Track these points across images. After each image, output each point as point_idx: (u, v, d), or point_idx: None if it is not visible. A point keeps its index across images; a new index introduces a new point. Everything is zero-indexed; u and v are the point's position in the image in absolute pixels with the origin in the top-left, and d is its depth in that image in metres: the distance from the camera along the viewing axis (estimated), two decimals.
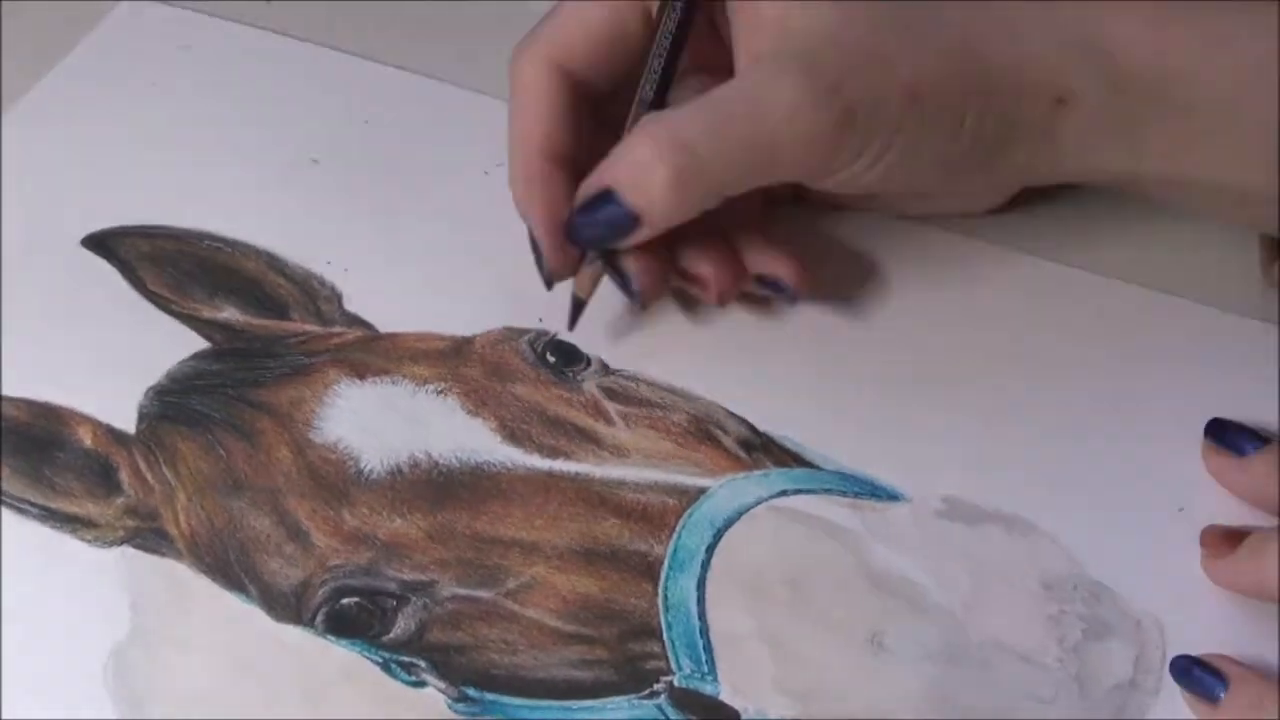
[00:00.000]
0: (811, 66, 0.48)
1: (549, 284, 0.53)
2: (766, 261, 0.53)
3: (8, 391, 0.53)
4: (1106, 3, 0.49)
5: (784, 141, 0.48)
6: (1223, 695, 0.44)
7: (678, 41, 0.51)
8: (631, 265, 0.52)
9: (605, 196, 0.49)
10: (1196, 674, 0.45)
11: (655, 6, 0.51)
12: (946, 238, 0.57)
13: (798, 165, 0.49)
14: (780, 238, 0.53)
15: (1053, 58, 0.49)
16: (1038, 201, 0.56)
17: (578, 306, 0.53)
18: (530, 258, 0.53)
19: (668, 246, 0.52)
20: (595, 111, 0.53)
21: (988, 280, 0.55)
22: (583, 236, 0.51)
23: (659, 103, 0.51)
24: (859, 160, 0.49)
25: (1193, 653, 0.46)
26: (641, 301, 0.53)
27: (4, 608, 0.48)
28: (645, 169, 0.48)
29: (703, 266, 0.52)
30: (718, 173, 0.48)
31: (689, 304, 0.55)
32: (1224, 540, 0.48)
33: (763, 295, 0.54)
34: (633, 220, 0.49)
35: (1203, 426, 0.50)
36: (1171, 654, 0.46)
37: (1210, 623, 0.47)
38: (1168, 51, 0.49)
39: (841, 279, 0.56)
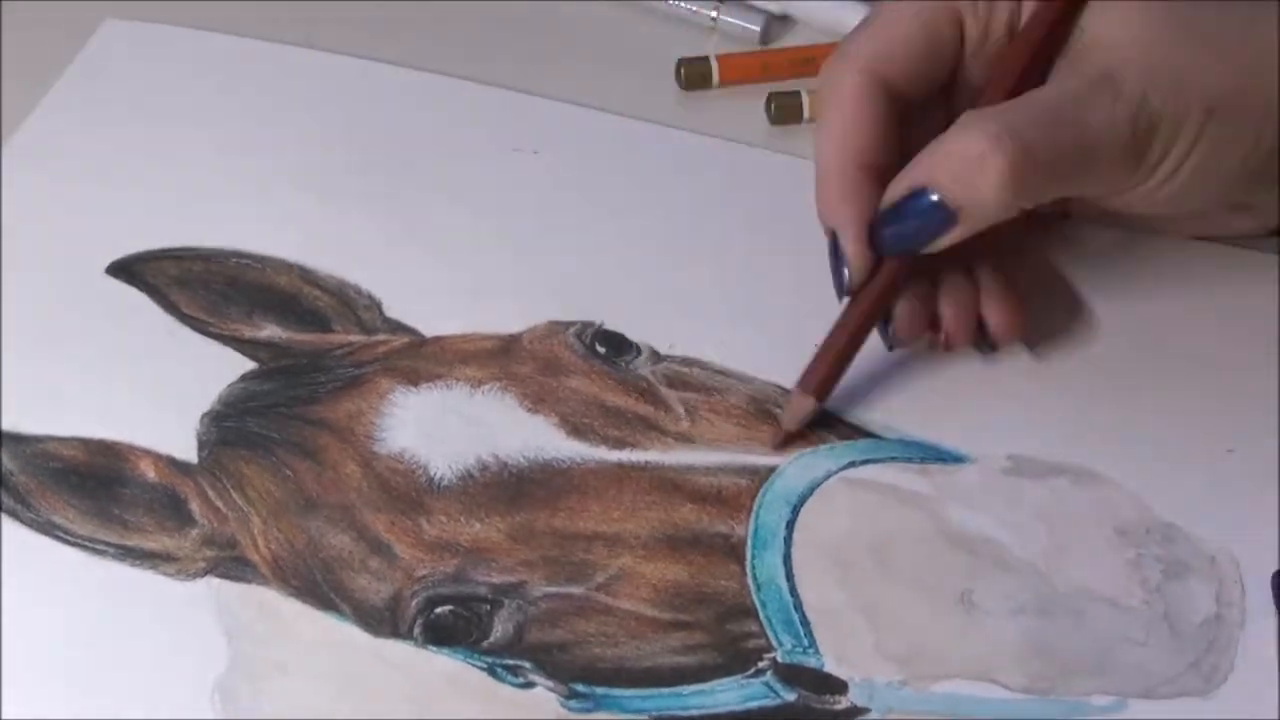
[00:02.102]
0: (1118, 81, 0.49)
1: (843, 295, 0.52)
2: (989, 309, 0.53)
3: (58, 432, 0.52)
4: None
5: (1100, 154, 0.49)
6: None
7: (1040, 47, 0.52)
8: (901, 310, 0.52)
9: (919, 194, 0.49)
10: None
11: (966, 14, 0.52)
12: None
13: (1106, 180, 0.50)
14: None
15: None
16: None
17: (788, 438, 0.52)
18: (557, 249, 0.53)
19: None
20: (902, 122, 0.52)
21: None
22: (891, 236, 0.50)
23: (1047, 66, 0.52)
24: (1156, 173, 0.50)
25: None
26: (893, 344, 0.53)
27: (99, 651, 0.48)
28: (977, 163, 0.48)
29: (945, 307, 0.53)
30: (1048, 174, 0.49)
31: (729, 285, 0.56)
32: None
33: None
34: (949, 218, 0.49)
35: (1244, 372, 0.52)
36: (1250, 585, 0.48)
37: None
38: None
39: None
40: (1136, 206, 0.52)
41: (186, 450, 0.52)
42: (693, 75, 0.63)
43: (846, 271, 0.51)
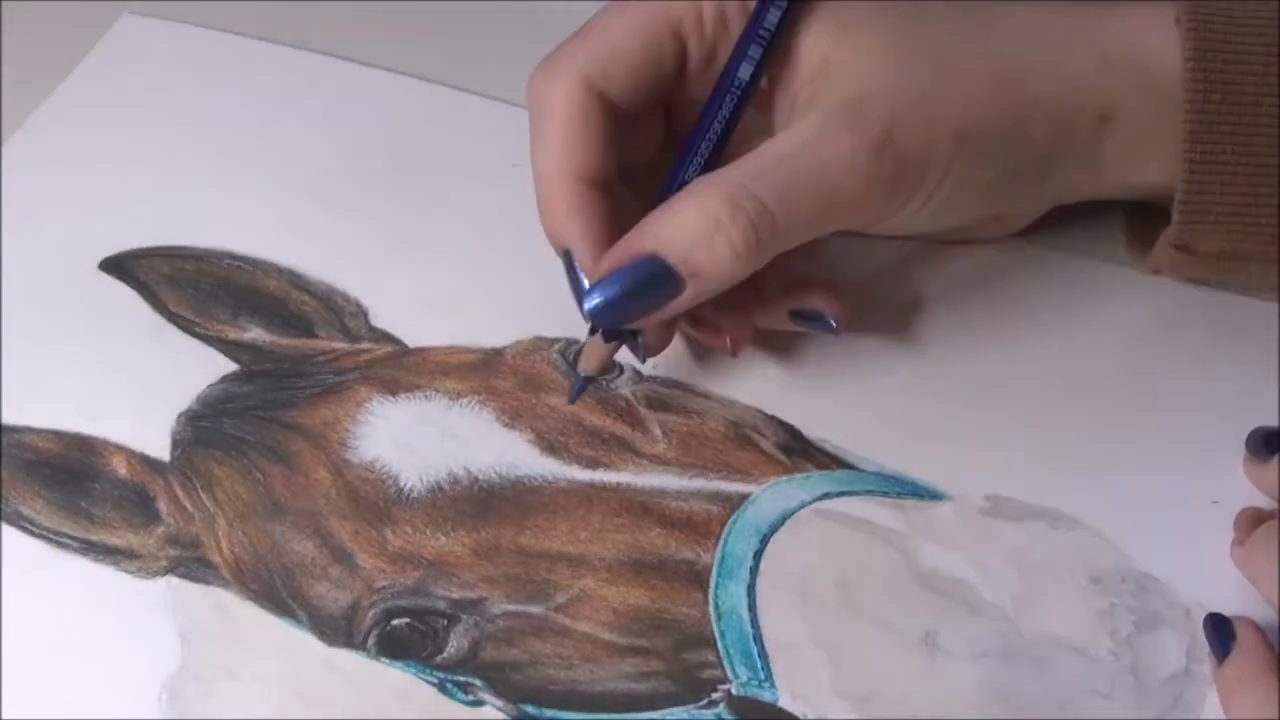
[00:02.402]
0: (859, 116, 0.47)
1: (589, 317, 0.49)
2: (803, 296, 0.51)
3: (35, 423, 0.52)
4: (1138, 13, 0.49)
5: (845, 195, 0.47)
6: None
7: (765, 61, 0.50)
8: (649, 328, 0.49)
9: (644, 263, 0.46)
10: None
11: (688, 28, 0.50)
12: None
13: (855, 217, 0.48)
14: (811, 265, 0.52)
15: (1095, 76, 0.49)
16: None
17: (585, 383, 0.51)
18: (548, 265, 0.52)
19: None
20: (619, 132, 0.50)
21: (1022, 280, 0.55)
22: (603, 305, 0.47)
23: (727, 137, 0.49)
24: (909, 206, 0.49)
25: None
26: (645, 357, 0.51)
27: (55, 643, 0.48)
28: (717, 227, 0.46)
29: (719, 317, 0.51)
30: (786, 230, 0.47)
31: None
32: (1247, 525, 0.48)
33: (804, 329, 0.52)
34: (678, 287, 0.47)
35: (1233, 421, 0.50)
36: None
37: (1258, 610, 0.47)
38: None
39: (875, 283, 0.55)
40: (894, 231, 0.51)
41: (161, 448, 0.52)
42: None
43: (586, 288, 0.48)
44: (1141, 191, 0.52)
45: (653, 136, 0.52)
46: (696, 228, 0.46)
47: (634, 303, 0.47)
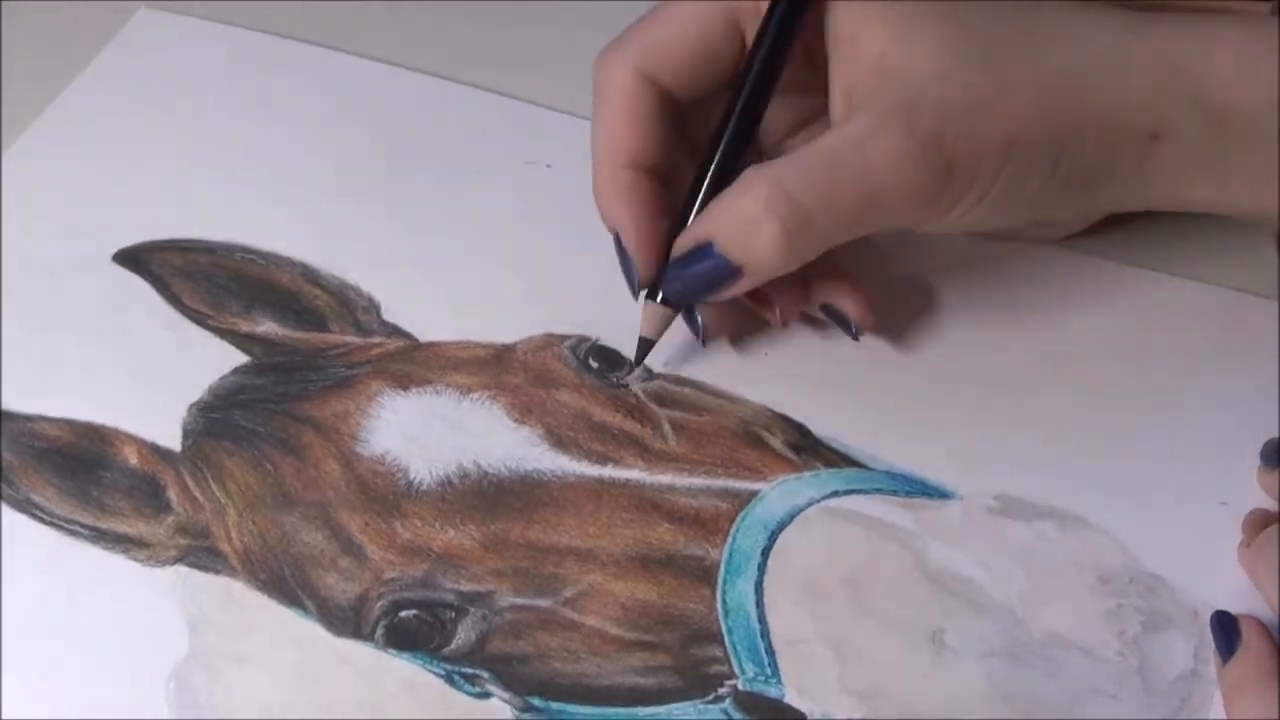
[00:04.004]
0: (912, 118, 0.47)
1: (637, 294, 0.51)
2: (834, 292, 0.52)
3: (49, 412, 0.53)
4: (1197, 32, 0.48)
5: (889, 197, 0.47)
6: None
7: (773, 71, 0.50)
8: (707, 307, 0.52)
9: (705, 250, 0.48)
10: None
11: (746, 21, 0.50)
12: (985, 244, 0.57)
13: (899, 218, 0.49)
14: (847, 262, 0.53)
15: (1149, 93, 0.48)
16: None
17: (645, 346, 0.52)
18: (560, 262, 0.53)
19: None
20: (676, 125, 0.52)
21: (1033, 278, 0.56)
22: (676, 289, 0.50)
23: (748, 134, 0.51)
24: (954, 210, 0.49)
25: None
26: (704, 338, 0.53)
27: (63, 630, 0.48)
28: (752, 225, 0.47)
29: (774, 291, 0.52)
30: (825, 229, 0.47)
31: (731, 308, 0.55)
32: (1254, 528, 0.48)
33: (825, 321, 0.53)
34: (733, 273, 0.48)
35: (1243, 423, 0.50)
36: None
37: (1266, 611, 0.47)
38: (1260, 84, 0.48)
39: (887, 282, 0.55)
40: (937, 231, 0.50)
41: (172, 439, 0.52)
42: None
43: (635, 270, 0.51)
44: (1187, 207, 0.51)
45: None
46: (737, 221, 0.48)
47: (697, 287, 0.49)
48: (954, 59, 0.48)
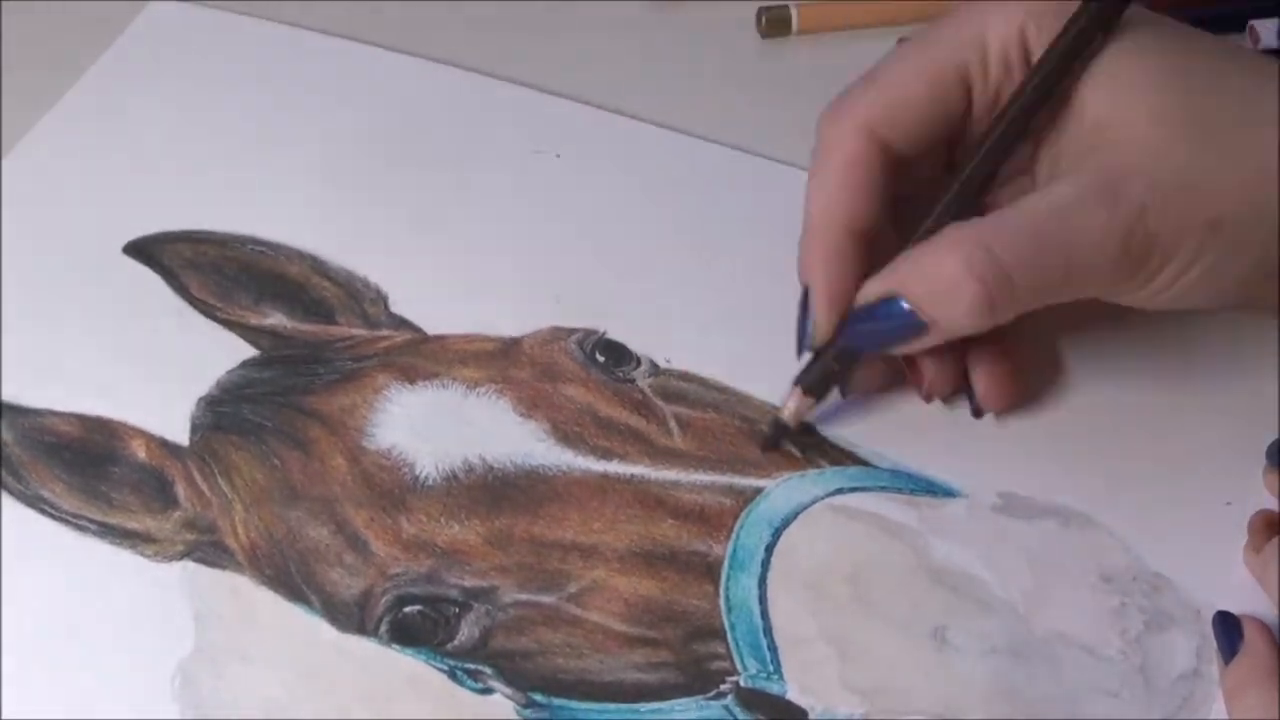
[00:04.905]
0: (1117, 196, 0.46)
1: (803, 350, 0.50)
2: (980, 377, 0.52)
3: (57, 406, 0.53)
4: None
5: (1089, 272, 0.47)
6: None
7: (1024, 129, 0.49)
8: (863, 371, 0.51)
9: (892, 304, 0.48)
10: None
11: (975, 78, 0.49)
12: None
13: (1095, 290, 0.48)
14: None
15: None
16: None
17: (780, 430, 0.51)
18: (568, 254, 0.53)
19: None
20: (899, 172, 0.50)
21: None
22: (858, 338, 0.49)
23: (978, 194, 0.50)
24: (1151, 285, 0.47)
25: None
26: (848, 392, 0.52)
27: (69, 627, 0.48)
28: (953, 284, 0.46)
29: (926, 365, 0.51)
30: (1023, 296, 0.47)
31: (737, 302, 0.55)
32: (1260, 529, 0.48)
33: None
34: (919, 330, 0.48)
35: (1250, 423, 0.50)
36: None
37: (1270, 612, 0.47)
38: None
39: None
40: (1144, 306, 0.49)
41: (180, 432, 0.52)
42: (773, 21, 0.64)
43: (810, 329, 0.50)
44: None
45: (933, 170, 0.51)
46: (935, 279, 0.47)
47: (876, 338, 0.49)
48: (1168, 130, 0.46)
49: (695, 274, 0.56)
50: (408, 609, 0.48)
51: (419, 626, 0.48)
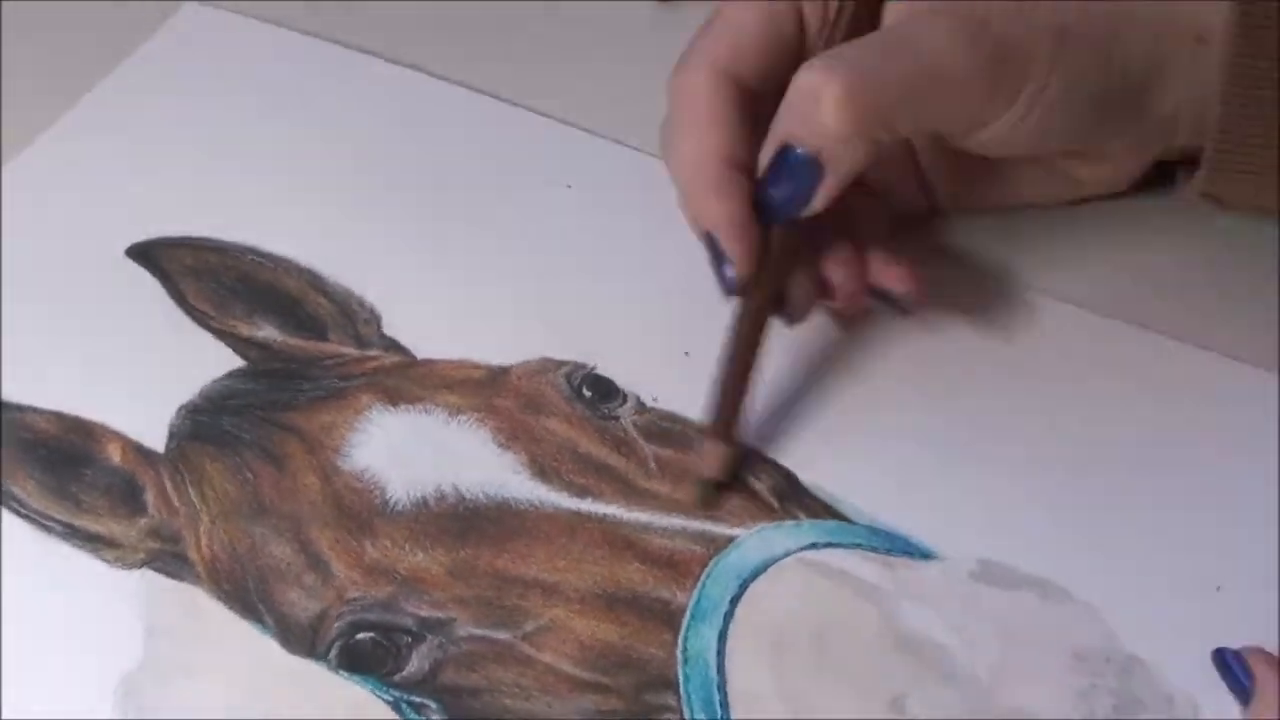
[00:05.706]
0: (958, 8, 0.48)
1: (729, 293, 0.51)
2: (884, 274, 0.52)
3: (40, 403, 0.53)
4: None
5: (942, 76, 0.48)
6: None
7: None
8: (797, 288, 0.51)
9: (785, 152, 0.49)
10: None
11: (807, 8, 0.52)
12: (997, 288, 0.55)
13: (957, 102, 0.49)
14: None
15: None
16: (1091, 249, 0.55)
17: (710, 489, 0.50)
18: (565, 285, 0.52)
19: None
20: (757, 123, 0.51)
21: (1037, 339, 0.54)
22: (773, 201, 0.49)
23: None
24: (1015, 106, 0.49)
25: None
26: (791, 322, 0.52)
27: (18, 624, 0.48)
28: (813, 93, 0.48)
29: (833, 272, 0.52)
30: (885, 96, 0.48)
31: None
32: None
33: (880, 308, 0.53)
34: (813, 167, 0.48)
35: (1247, 505, 0.49)
36: None
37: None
38: None
39: (887, 332, 0.54)
40: (995, 148, 0.51)
41: (158, 439, 0.52)
42: None
43: (729, 269, 0.50)
44: None
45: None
46: (800, 103, 0.48)
47: (787, 197, 0.49)
48: None
49: (691, 314, 0.55)
50: (360, 635, 0.48)
51: (369, 654, 0.47)
